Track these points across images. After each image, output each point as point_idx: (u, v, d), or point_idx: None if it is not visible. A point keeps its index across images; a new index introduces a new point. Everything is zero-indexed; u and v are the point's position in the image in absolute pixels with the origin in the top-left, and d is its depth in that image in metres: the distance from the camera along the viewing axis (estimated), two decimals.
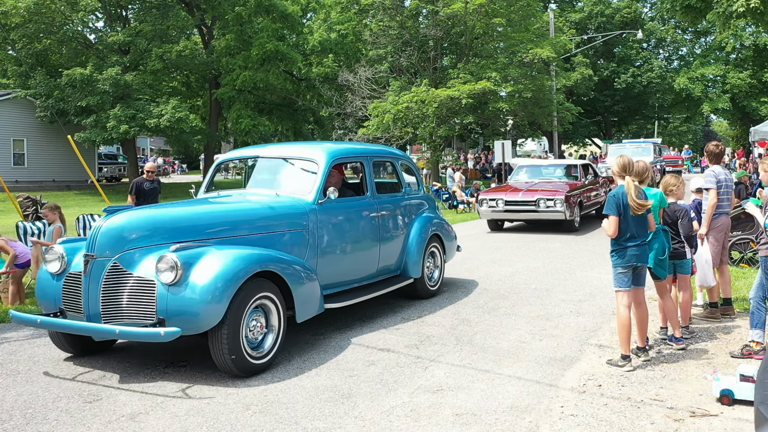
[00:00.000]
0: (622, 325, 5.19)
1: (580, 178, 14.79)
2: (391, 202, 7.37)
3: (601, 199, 15.30)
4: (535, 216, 13.51)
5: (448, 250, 8.27)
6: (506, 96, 26.53)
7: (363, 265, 6.81)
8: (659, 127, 52.69)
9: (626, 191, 5.17)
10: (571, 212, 13.30)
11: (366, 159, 7.19)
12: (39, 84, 27.43)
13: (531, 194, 13.54)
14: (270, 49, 29.01)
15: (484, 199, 14.12)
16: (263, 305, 5.25)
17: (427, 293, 7.72)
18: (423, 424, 4.22)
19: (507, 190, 14.12)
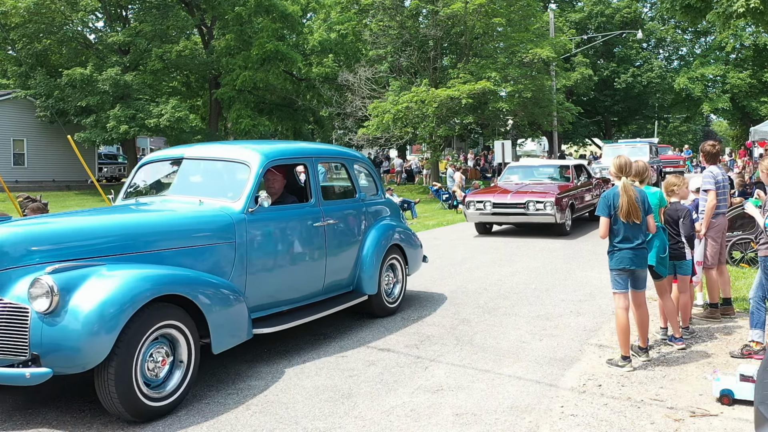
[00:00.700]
0: (619, 326, 5.18)
1: (573, 179, 14.15)
2: (341, 209, 6.54)
3: (595, 201, 14.64)
4: (524, 219, 12.89)
5: (412, 262, 7.43)
6: (506, 96, 26.53)
7: (305, 282, 5.95)
8: (659, 127, 52.69)
9: (619, 192, 5.14)
10: (562, 215, 12.77)
11: (310, 160, 6.28)
12: (39, 84, 27.45)
13: (520, 196, 12.93)
14: (270, 49, 29.01)
15: (471, 201, 13.41)
16: (168, 335, 4.46)
17: (384, 311, 6.90)
18: (423, 424, 4.22)
19: (495, 192, 13.56)
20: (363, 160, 7.47)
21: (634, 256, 5.15)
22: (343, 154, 7.39)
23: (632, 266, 5.16)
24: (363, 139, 28.67)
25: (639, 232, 5.17)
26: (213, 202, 5.46)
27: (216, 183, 5.85)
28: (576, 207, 13.72)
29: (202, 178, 6.00)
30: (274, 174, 6.26)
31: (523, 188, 13.48)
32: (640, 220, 5.11)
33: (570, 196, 13.35)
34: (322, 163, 7.25)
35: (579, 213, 14.15)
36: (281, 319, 5.58)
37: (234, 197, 5.46)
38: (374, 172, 7.53)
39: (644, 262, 5.25)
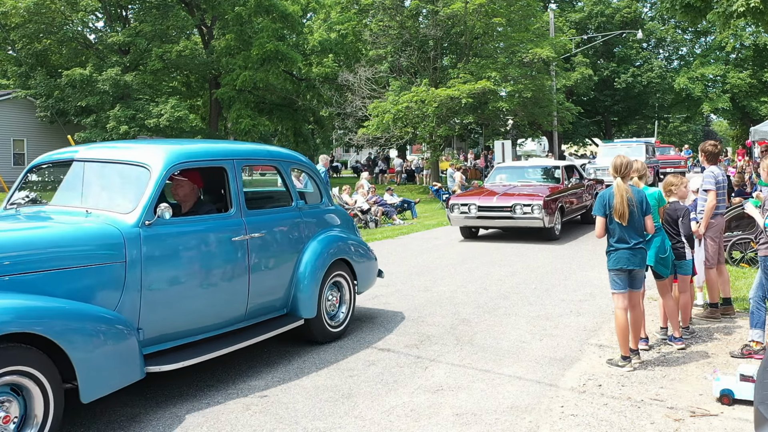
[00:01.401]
0: (619, 327, 5.19)
1: (563, 180, 13.45)
2: (272, 219, 5.59)
3: (587, 203, 14.37)
4: (511, 223, 12.28)
5: (362, 278, 6.54)
6: (506, 96, 26.54)
7: (221, 307, 5.02)
8: (659, 127, 52.72)
9: (613, 193, 5.15)
10: (551, 219, 12.12)
11: (230, 163, 5.26)
12: (39, 84, 27.47)
13: (506, 199, 12.29)
14: (270, 49, 29.02)
15: (455, 204, 12.70)
16: (18, 386, 3.64)
17: (325, 336, 5.99)
18: (423, 424, 4.22)
19: (481, 194, 12.90)
20: (302, 163, 6.49)
21: (632, 255, 5.15)
22: (276, 156, 6.25)
23: (629, 266, 5.16)
24: (363, 139, 28.69)
25: (634, 232, 5.16)
26: (103, 213, 4.57)
27: (110, 190, 4.94)
28: (566, 210, 13.10)
29: (95, 183, 5.00)
30: (184, 179, 5.36)
31: (511, 190, 12.90)
32: (626, 221, 5.10)
33: (559, 198, 12.69)
34: (251, 167, 6.71)
35: (570, 216, 13.58)
36: (192, 350, 4.72)
37: (127, 208, 4.58)
38: (318, 176, 6.60)
39: (642, 262, 5.24)
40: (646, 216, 5.20)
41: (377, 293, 8.07)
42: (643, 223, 5.20)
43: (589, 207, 14.11)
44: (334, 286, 6.21)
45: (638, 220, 5.17)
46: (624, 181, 5.19)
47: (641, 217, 5.18)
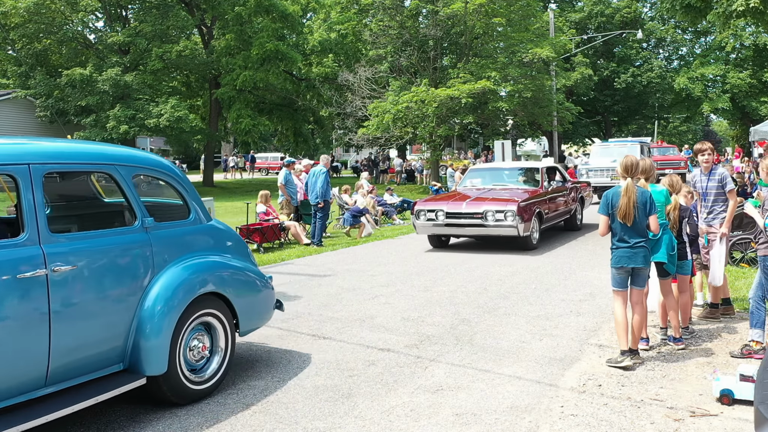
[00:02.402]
0: (617, 323, 5.25)
1: (542, 184, 12.29)
2: (92, 245, 4.16)
3: (571, 208, 13.47)
4: (482, 232, 11.18)
5: (247, 315, 5.10)
6: (506, 96, 26.55)
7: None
8: (659, 127, 52.75)
9: (620, 192, 5.20)
10: (527, 226, 10.94)
11: (21, 169, 3.87)
12: (39, 84, 27.46)
13: (477, 204, 11.09)
14: (270, 49, 29.02)
15: (421, 210, 11.49)
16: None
17: (184, 396, 4.58)
18: (423, 424, 4.22)
19: (449, 199, 11.73)
20: (150, 167, 4.83)
21: (632, 254, 5.20)
22: (106, 158, 4.55)
23: (629, 264, 5.21)
24: (363, 139, 28.71)
25: (635, 232, 5.21)
26: None
27: None
28: (546, 216, 11.93)
29: None
30: None
31: (485, 194, 11.77)
32: (631, 222, 5.16)
33: (537, 203, 11.55)
34: (63, 173, 4.59)
35: (550, 223, 12.45)
36: None
37: None
38: (184, 183, 5.07)
39: (644, 260, 5.26)
40: (650, 216, 5.23)
41: (377, 293, 8.07)
42: (645, 224, 5.23)
43: (573, 212, 13.52)
44: (202, 329, 4.78)
45: (641, 221, 5.21)
46: (633, 180, 5.24)
47: (644, 218, 5.22)
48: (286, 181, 13.55)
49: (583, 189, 14.62)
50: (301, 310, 7.28)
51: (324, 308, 7.37)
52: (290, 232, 12.83)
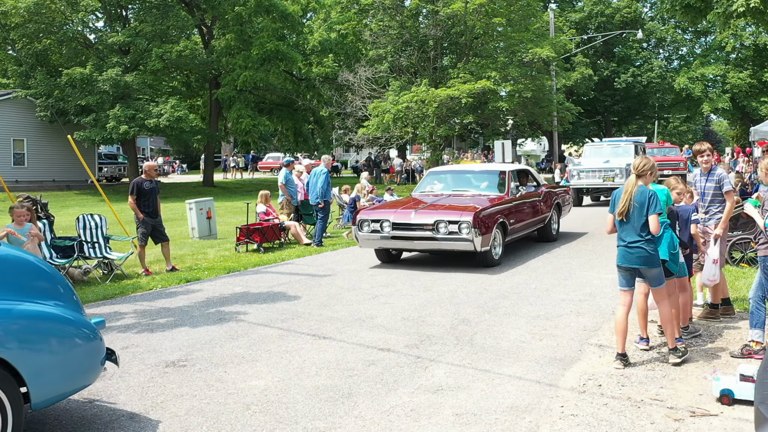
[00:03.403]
0: (616, 323, 5.32)
1: (508, 189, 10.76)
2: None
3: (545, 216, 11.94)
4: (433, 246, 9.62)
5: (42, 381, 3.82)
6: (506, 96, 26.55)
7: None
8: (659, 126, 52.75)
9: (622, 191, 5.32)
10: (485, 240, 9.31)
11: None
12: (39, 84, 27.46)
13: (427, 214, 9.55)
14: (270, 48, 29.02)
15: (364, 220, 9.91)
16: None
17: None
18: (423, 424, 4.22)
19: (398, 207, 10.18)
20: None
21: (627, 253, 5.27)
22: None
23: (623, 263, 5.30)
24: (363, 139, 28.72)
25: (632, 231, 5.23)
26: None
27: None
28: (511, 227, 10.31)
29: None
30: None
31: (440, 201, 10.35)
32: (626, 219, 5.24)
33: (501, 212, 10.01)
34: None
35: (518, 235, 10.89)
36: None
37: None
38: None
39: (637, 260, 5.24)
40: (650, 215, 5.18)
41: (377, 293, 8.07)
42: (642, 223, 5.20)
43: (547, 221, 12.12)
44: None
45: (636, 220, 5.20)
46: (640, 180, 5.30)
47: (641, 217, 5.19)
48: (286, 180, 13.55)
49: (561, 194, 13.11)
50: (301, 310, 7.28)
51: (324, 308, 7.37)
52: (290, 232, 12.83)
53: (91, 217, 9.94)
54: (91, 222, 9.83)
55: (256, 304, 7.64)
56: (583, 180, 19.63)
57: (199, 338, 6.23)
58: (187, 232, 14.20)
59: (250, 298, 8.02)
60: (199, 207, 13.77)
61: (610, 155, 20.37)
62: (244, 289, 8.60)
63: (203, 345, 6.00)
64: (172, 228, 13.92)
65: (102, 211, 12.40)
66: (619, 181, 18.81)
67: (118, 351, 5.85)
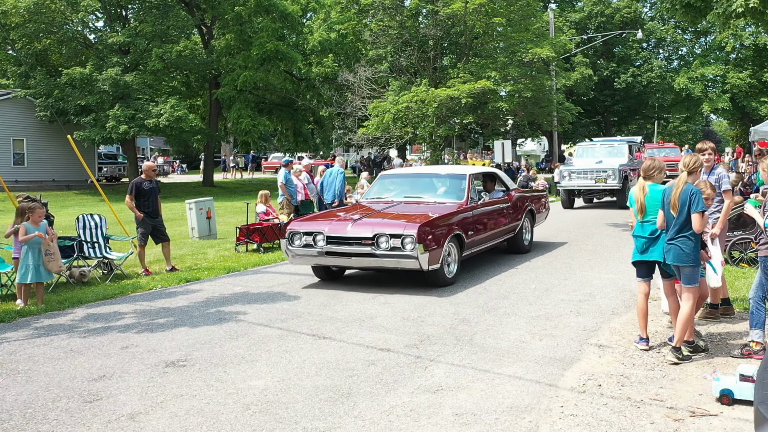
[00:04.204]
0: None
1: (467, 196, 9.38)
2: None
3: (515, 225, 10.63)
4: (373, 263, 8.27)
5: None
6: (506, 95, 26.55)
7: None
8: (659, 127, 52.77)
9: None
10: (434, 256, 7.98)
11: None
12: (39, 83, 27.45)
13: (367, 226, 8.21)
14: (270, 48, 29.01)
15: (295, 232, 8.60)
16: None
17: None
18: (423, 424, 4.22)
19: (334, 217, 8.84)
20: None
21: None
22: None
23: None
24: (363, 139, 28.71)
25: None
26: None
27: None
28: (470, 239, 9.00)
29: None
30: None
31: (390, 210, 9.07)
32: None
33: (456, 223, 8.73)
34: None
35: (479, 248, 9.52)
36: None
37: None
38: None
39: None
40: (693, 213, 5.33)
41: (377, 293, 8.08)
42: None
43: (518, 230, 10.74)
44: None
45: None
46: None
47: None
48: (285, 180, 13.55)
49: (535, 200, 11.70)
50: (301, 310, 7.28)
51: (324, 308, 7.37)
52: None
53: (91, 217, 9.94)
54: (90, 222, 9.83)
55: (256, 304, 7.64)
56: (575, 181, 18.89)
57: (198, 338, 6.23)
58: (186, 232, 14.20)
59: (250, 298, 8.02)
60: (199, 207, 13.77)
61: (602, 155, 19.63)
62: (244, 289, 8.60)
63: (203, 345, 6.00)
64: (172, 228, 13.92)
65: (102, 211, 12.40)
66: (611, 183, 18.20)
67: (118, 351, 5.87)
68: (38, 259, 7.68)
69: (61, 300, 7.92)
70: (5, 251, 9.67)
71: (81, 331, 6.61)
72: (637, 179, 20.67)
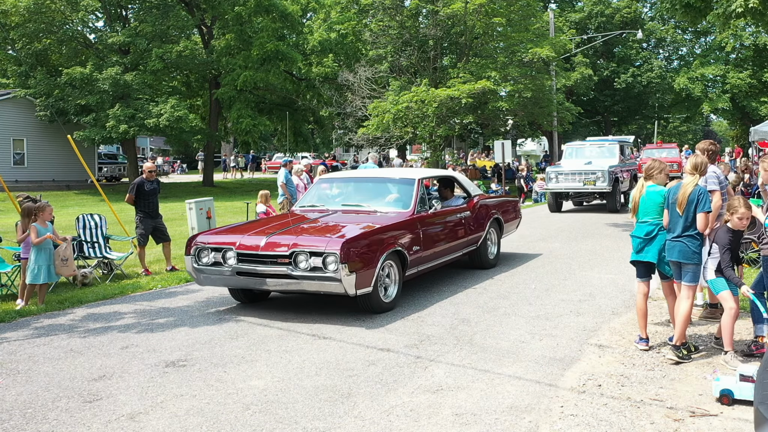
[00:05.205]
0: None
1: (413, 205, 8.03)
2: None
3: (477, 237, 9.25)
4: (292, 286, 6.90)
5: None
6: (506, 96, 26.54)
7: None
8: (659, 127, 52.75)
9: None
10: (363, 279, 6.68)
11: None
12: (39, 83, 27.44)
13: (284, 242, 6.87)
14: (270, 48, 29.02)
15: (202, 247, 7.23)
16: None
17: None
18: (423, 424, 4.22)
19: (247, 230, 7.41)
20: None
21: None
22: None
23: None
24: (363, 139, 28.71)
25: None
26: None
27: None
28: (414, 257, 7.60)
29: None
30: None
31: (324, 219, 7.86)
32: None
33: (395, 237, 7.32)
34: None
35: (429, 264, 8.12)
36: None
37: None
38: None
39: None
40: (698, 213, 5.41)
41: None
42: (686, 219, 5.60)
43: (480, 242, 9.39)
44: None
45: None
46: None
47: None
48: (286, 180, 13.55)
49: (502, 207, 10.40)
50: (301, 310, 7.28)
51: (324, 308, 7.37)
52: None
53: (91, 216, 9.94)
54: (90, 222, 9.83)
55: (255, 304, 7.63)
56: (562, 183, 17.68)
57: (198, 338, 6.23)
58: (187, 232, 14.17)
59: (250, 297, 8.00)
60: (199, 207, 13.74)
61: (592, 156, 18.49)
62: None
63: (203, 345, 6.00)
64: (172, 228, 13.89)
65: (102, 210, 12.40)
66: (601, 185, 17.10)
67: (118, 351, 5.87)
68: (50, 259, 7.69)
69: (61, 300, 7.92)
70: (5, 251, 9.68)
71: (81, 331, 6.62)
72: (629, 181, 19.83)
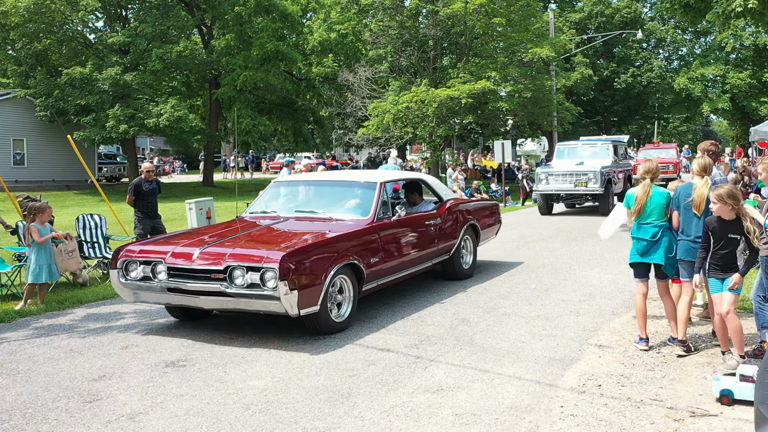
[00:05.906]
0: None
1: (373, 211, 7.29)
2: None
3: (449, 245, 8.47)
4: (229, 304, 6.06)
5: None
6: (506, 96, 26.54)
7: None
8: (659, 127, 52.78)
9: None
10: (309, 297, 5.92)
11: None
12: (39, 83, 27.44)
13: (219, 254, 6.10)
14: (270, 49, 29.01)
15: (130, 260, 6.46)
16: None
17: None
18: (423, 424, 4.22)
19: (181, 240, 6.71)
20: None
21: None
22: None
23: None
24: (363, 139, 28.71)
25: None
26: None
27: None
28: (373, 270, 6.86)
29: None
30: None
31: (276, 226, 7.17)
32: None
33: (349, 248, 6.56)
34: None
35: (392, 277, 7.39)
36: None
37: None
38: None
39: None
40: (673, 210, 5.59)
41: (377, 293, 8.07)
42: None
43: (453, 251, 8.60)
44: None
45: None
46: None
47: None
48: None
49: (478, 212, 9.53)
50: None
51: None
52: None
53: (91, 216, 9.94)
54: (90, 222, 9.83)
55: None
56: (552, 185, 17.04)
57: (199, 338, 6.23)
58: None
59: None
60: (199, 207, 13.74)
61: (584, 156, 17.88)
62: None
63: (203, 345, 6.00)
64: (172, 228, 13.89)
65: (102, 211, 12.40)
66: (592, 186, 16.45)
67: (118, 351, 5.87)
68: (50, 258, 7.70)
69: (61, 300, 7.92)
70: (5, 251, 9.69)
71: (81, 331, 6.62)
72: (622, 182, 19.48)
